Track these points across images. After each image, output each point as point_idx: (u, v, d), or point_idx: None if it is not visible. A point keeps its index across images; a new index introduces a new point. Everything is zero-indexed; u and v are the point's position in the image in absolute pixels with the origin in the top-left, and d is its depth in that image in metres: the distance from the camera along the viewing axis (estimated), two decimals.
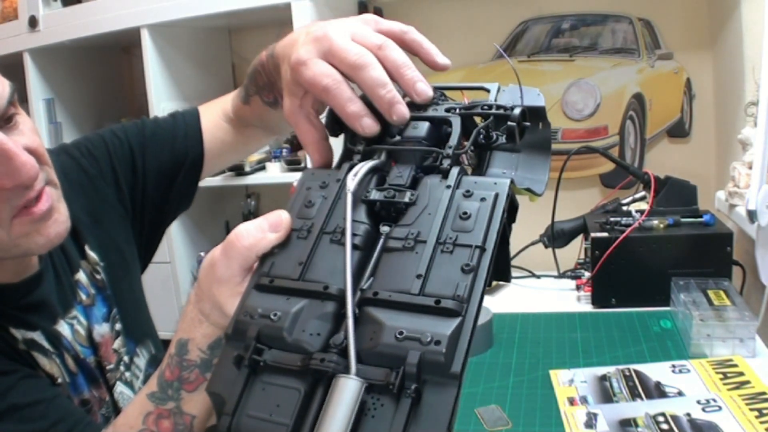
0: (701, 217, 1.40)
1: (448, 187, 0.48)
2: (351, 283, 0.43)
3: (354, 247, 0.46)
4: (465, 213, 0.46)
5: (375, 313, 0.42)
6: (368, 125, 0.53)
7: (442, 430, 0.37)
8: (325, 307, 0.44)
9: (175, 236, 1.99)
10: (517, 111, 0.53)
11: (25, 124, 0.69)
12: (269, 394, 0.41)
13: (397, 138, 0.54)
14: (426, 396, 0.38)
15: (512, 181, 0.49)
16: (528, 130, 0.54)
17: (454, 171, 0.49)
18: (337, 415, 0.37)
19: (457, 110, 0.54)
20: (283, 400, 0.40)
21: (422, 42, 0.59)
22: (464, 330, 0.40)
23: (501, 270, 0.50)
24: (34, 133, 0.70)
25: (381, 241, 0.47)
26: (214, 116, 0.94)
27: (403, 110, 0.53)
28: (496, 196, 0.47)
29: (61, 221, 0.70)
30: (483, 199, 0.47)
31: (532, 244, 1.62)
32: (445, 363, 0.39)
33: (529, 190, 0.54)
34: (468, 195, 0.48)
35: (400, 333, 0.40)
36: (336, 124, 0.56)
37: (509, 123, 0.52)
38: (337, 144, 0.57)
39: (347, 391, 0.38)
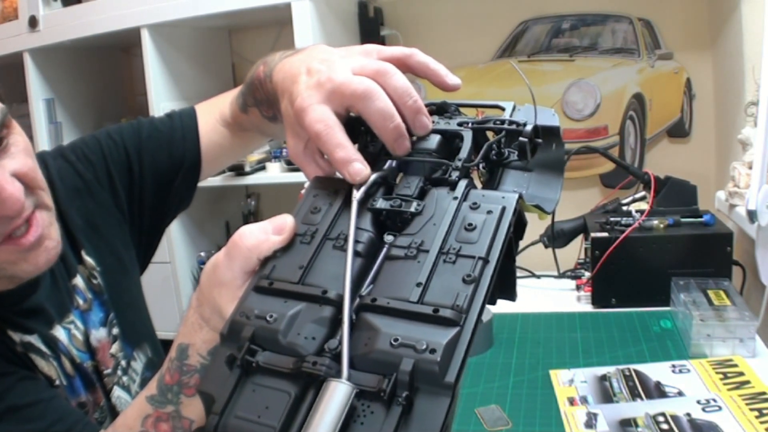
0: (701, 217, 1.40)
1: (455, 198, 0.48)
2: (350, 286, 0.42)
3: (356, 254, 0.45)
4: (470, 224, 0.45)
5: (372, 320, 0.41)
6: (355, 171, 0.50)
7: None
8: (322, 311, 0.43)
9: (175, 236, 1.98)
10: (529, 127, 0.52)
11: (17, 145, 0.67)
12: (259, 395, 0.40)
13: None
14: (417, 405, 0.37)
15: (521, 196, 0.48)
16: (541, 149, 0.53)
17: (462, 183, 0.49)
18: (324, 418, 0.36)
19: (470, 124, 0.54)
20: (272, 402, 0.39)
21: (429, 63, 0.57)
22: (461, 340, 0.40)
23: (506, 288, 0.50)
24: (26, 154, 0.68)
25: (384, 249, 0.47)
26: (212, 119, 0.93)
27: (407, 145, 0.52)
28: (503, 209, 0.46)
29: (51, 248, 0.69)
30: (489, 212, 0.46)
31: (532, 244, 1.62)
32: (439, 372, 0.38)
33: (538, 207, 0.53)
34: (475, 207, 0.47)
35: (395, 340, 0.39)
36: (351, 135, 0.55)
37: (521, 139, 0.52)
38: None
39: (336, 394, 0.37)
